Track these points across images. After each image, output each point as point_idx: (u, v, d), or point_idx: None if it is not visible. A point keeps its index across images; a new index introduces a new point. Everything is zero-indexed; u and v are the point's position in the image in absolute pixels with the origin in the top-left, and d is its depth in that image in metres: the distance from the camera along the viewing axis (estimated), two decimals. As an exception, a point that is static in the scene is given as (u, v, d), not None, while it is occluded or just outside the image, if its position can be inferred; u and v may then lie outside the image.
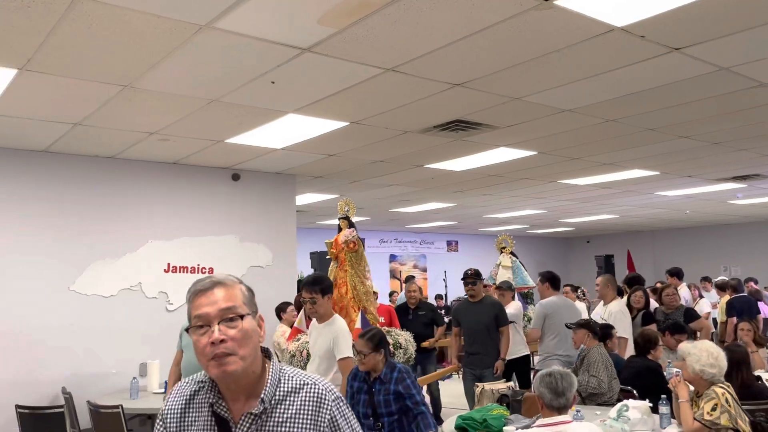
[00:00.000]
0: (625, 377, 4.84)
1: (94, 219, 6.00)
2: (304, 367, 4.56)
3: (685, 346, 3.67)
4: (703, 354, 3.49)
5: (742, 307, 7.81)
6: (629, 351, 5.58)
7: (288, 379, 1.50)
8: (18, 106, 4.39)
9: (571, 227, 16.18)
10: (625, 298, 6.54)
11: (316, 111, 4.72)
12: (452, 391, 7.57)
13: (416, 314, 7.09)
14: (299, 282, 7.40)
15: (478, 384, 4.53)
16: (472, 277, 5.86)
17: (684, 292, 8.36)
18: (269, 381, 1.48)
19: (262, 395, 1.45)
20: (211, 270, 6.60)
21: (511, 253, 7.53)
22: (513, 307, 6.39)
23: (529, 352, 6.37)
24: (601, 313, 5.99)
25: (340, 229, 5.55)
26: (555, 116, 5.06)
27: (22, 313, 5.52)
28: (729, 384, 3.61)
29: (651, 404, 3.77)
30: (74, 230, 5.88)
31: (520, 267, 7.39)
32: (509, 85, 4.24)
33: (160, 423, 1.56)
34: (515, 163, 6.98)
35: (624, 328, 5.72)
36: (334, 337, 4.05)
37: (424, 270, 16.61)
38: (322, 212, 11.25)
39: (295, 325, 5.53)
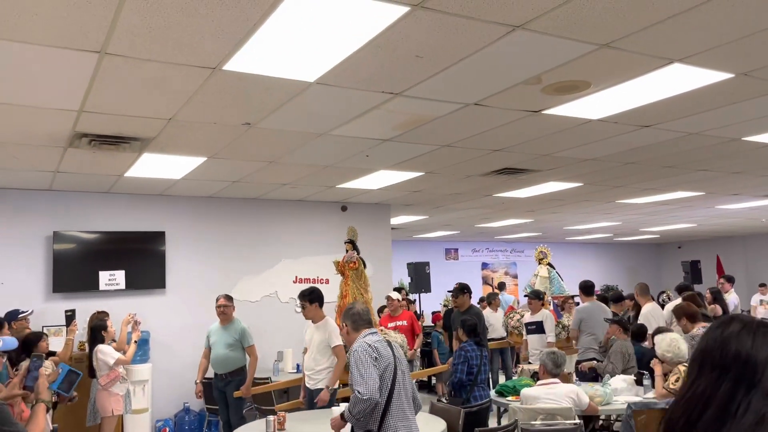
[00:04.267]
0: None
1: (244, 244, 8.20)
2: None
3: (657, 337, 5.15)
4: (663, 343, 4.96)
5: None
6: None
7: None
8: (201, 175, 6.58)
9: (655, 234, 16.91)
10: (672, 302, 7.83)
11: (398, 167, 6.57)
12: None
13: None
14: (396, 289, 9.30)
15: (519, 365, 6.14)
16: (453, 291, 6.98)
17: (732, 298, 9.34)
18: None
19: None
20: (327, 281, 8.63)
21: (549, 264, 8.70)
22: (540, 315, 7.43)
23: None
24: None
25: (347, 251, 7.03)
26: (581, 163, 6.58)
27: (199, 314, 7.78)
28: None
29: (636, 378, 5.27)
30: (231, 253, 8.11)
31: (557, 277, 8.52)
32: (536, 149, 5.87)
33: None
34: (568, 191, 8.45)
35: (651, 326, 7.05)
36: (329, 332, 5.36)
37: (515, 276, 18.01)
38: (416, 229, 13.10)
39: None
